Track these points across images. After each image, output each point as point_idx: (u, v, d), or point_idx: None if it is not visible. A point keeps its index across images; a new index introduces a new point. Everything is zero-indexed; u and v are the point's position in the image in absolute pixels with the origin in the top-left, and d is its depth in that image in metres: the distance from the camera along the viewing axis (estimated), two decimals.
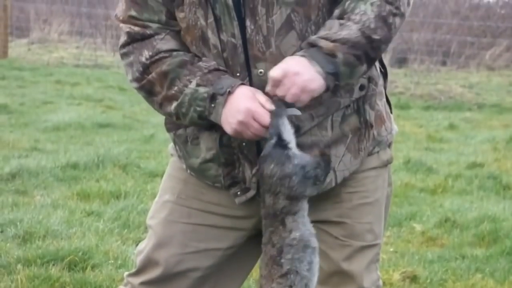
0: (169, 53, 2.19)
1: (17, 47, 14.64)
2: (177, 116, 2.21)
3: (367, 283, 2.34)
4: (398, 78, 12.32)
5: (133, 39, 2.22)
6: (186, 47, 2.21)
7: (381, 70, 2.36)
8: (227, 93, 2.12)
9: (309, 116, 2.18)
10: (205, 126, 2.22)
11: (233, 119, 2.12)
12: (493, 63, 13.77)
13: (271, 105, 2.10)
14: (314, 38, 2.10)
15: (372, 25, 2.10)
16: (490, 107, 10.91)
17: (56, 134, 7.43)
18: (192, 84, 2.15)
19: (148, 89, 2.22)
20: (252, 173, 2.23)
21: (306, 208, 2.11)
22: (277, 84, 2.07)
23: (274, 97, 2.10)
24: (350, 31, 2.09)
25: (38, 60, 13.58)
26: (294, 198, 2.08)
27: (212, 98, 2.14)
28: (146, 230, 2.47)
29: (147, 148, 6.91)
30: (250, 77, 2.17)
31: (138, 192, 5.30)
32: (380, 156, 2.35)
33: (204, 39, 2.18)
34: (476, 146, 7.75)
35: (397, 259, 4.37)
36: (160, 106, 2.23)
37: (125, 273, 2.44)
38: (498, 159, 6.99)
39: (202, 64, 2.17)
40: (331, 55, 2.08)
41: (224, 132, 2.17)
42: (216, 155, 2.25)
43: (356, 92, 2.24)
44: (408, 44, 13.34)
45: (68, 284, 3.73)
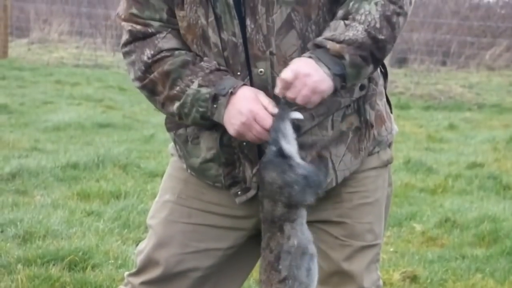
0: (171, 52, 2.19)
1: (17, 47, 14.64)
2: (180, 116, 2.21)
3: (367, 283, 2.33)
4: (398, 78, 12.32)
5: (135, 38, 2.21)
6: (188, 46, 2.21)
7: (381, 70, 2.35)
8: (229, 94, 2.12)
9: (310, 116, 2.18)
10: (207, 126, 2.22)
11: (236, 121, 2.12)
12: (493, 63, 13.77)
13: (274, 108, 2.10)
14: (321, 39, 2.10)
15: (377, 25, 2.10)
16: (490, 107, 10.91)
17: (56, 134, 7.43)
18: (194, 85, 2.15)
19: (150, 89, 2.22)
20: (253, 173, 2.23)
21: (305, 216, 2.11)
22: (288, 86, 2.06)
23: (282, 100, 2.09)
24: (356, 32, 2.08)
25: (38, 60, 13.58)
26: (293, 206, 2.07)
27: (214, 99, 2.14)
28: (146, 230, 2.47)
29: (147, 148, 6.91)
30: (251, 76, 2.17)
31: (138, 192, 5.30)
32: (381, 156, 2.35)
33: (205, 38, 2.18)
34: (476, 146, 7.75)
35: (397, 259, 4.37)
36: (163, 106, 2.23)
37: (126, 273, 2.44)
38: (498, 159, 6.99)
39: (204, 64, 2.17)
40: (338, 57, 2.08)
41: (225, 132, 2.17)
42: (217, 155, 2.25)
43: (357, 92, 2.24)
44: (408, 44, 13.34)
45: (68, 284, 3.73)
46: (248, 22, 2.14)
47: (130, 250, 4.12)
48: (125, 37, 2.23)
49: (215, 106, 2.14)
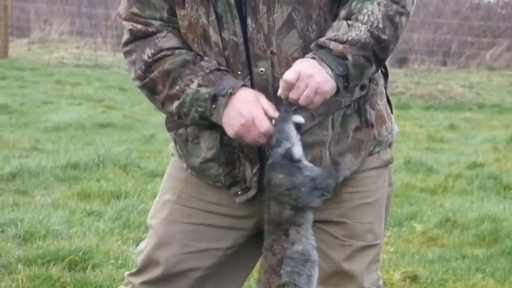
0: (172, 51, 2.19)
1: (18, 47, 14.65)
2: (179, 116, 2.21)
3: (368, 283, 2.33)
4: (399, 78, 12.32)
5: (136, 37, 2.21)
6: (188, 45, 2.21)
7: (382, 70, 2.35)
8: (229, 95, 2.12)
9: (310, 116, 2.18)
10: (207, 126, 2.22)
11: (235, 122, 2.12)
12: (494, 63, 13.77)
13: (274, 111, 2.10)
14: (323, 40, 2.09)
15: (380, 25, 2.10)
16: (491, 107, 10.91)
17: (57, 134, 7.43)
18: (194, 84, 2.15)
19: (151, 88, 2.22)
20: (253, 173, 2.23)
21: (311, 220, 2.10)
22: (290, 87, 2.06)
23: (284, 101, 2.09)
24: (359, 32, 2.08)
25: (39, 60, 13.58)
26: (300, 209, 2.07)
27: (214, 99, 2.13)
28: (147, 230, 2.47)
29: (148, 148, 6.91)
30: (251, 76, 2.17)
31: (139, 192, 5.30)
32: (381, 156, 2.35)
33: (206, 37, 2.17)
34: (477, 146, 7.75)
35: (398, 259, 4.37)
36: (162, 105, 2.23)
37: (126, 273, 2.44)
38: (499, 159, 6.98)
39: (204, 64, 2.17)
40: (341, 57, 2.07)
41: (225, 132, 2.17)
42: (217, 155, 2.25)
43: (357, 92, 2.24)
44: (409, 44, 13.34)
45: (69, 284, 3.73)
46: (249, 22, 2.14)
47: (131, 250, 4.12)
48: (126, 37, 2.23)
49: (214, 107, 2.14)
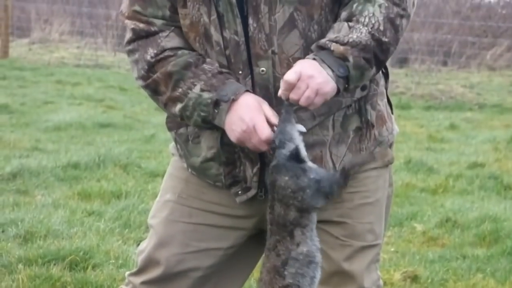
0: (174, 52, 2.19)
1: (18, 47, 14.66)
2: (182, 118, 2.21)
3: (368, 283, 2.33)
4: (399, 78, 12.32)
5: (138, 36, 2.21)
6: (190, 45, 2.21)
7: (382, 71, 2.35)
8: (231, 101, 2.12)
9: (311, 116, 2.18)
10: (209, 129, 2.22)
11: (237, 128, 2.12)
12: (494, 63, 13.77)
13: (277, 119, 2.10)
14: (324, 41, 2.10)
15: (381, 27, 2.10)
16: (491, 107, 10.91)
17: (57, 134, 7.43)
18: (196, 89, 2.15)
19: (153, 88, 2.22)
20: (253, 172, 2.23)
21: (315, 221, 2.10)
22: (291, 88, 2.06)
23: (285, 102, 2.09)
24: (360, 34, 2.08)
25: (39, 60, 13.58)
26: (305, 211, 2.07)
27: (216, 104, 2.14)
28: (147, 230, 2.47)
29: (148, 148, 6.92)
30: (252, 75, 2.17)
31: (139, 192, 5.30)
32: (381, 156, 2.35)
33: (207, 36, 2.17)
34: (477, 146, 7.75)
35: (398, 259, 4.37)
36: (165, 106, 2.23)
37: (126, 273, 2.44)
38: (499, 159, 6.98)
39: (207, 67, 2.17)
40: (342, 59, 2.08)
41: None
42: (217, 154, 2.25)
43: (358, 92, 2.24)
44: (409, 44, 13.34)
45: (69, 284, 3.73)
46: (251, 21, 2.14)
47: (131, 250, 4.12)
48: (129, 35, 2.23)
49: (217, 111, 2.14)
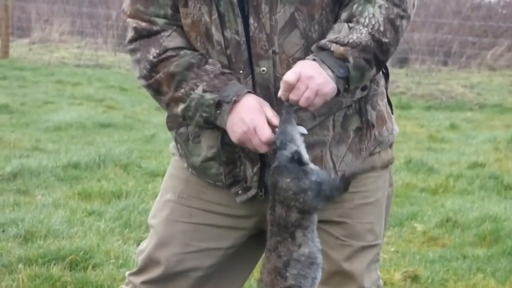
0: (176, 52, 2.19)
1: (18, 47, 14.66)
2: (184, 118, 2.22)
3: (368, 283, 2.33)
4: (400, 78, 12.32)
5: (140, 35, 2.21)
6: (192, 44, 2.21)
7: (383, 71, 2.35)
8: (233, 102, 2.12)
9: (311, 116, 2.18)
10: (211, 129, 2.22)
11: (238, 129, 2.12)
12: (495, 63, 13.77)
13: (278, 121, 2.10)
14: (324, 42, 2.10)
15: (381, 28, 2.10)
16: (492, 107, 10.91)
17: (57, 134, 7.44)
18: (199, 90, 2.15)
19: (156, 88, 2.22)
20: (253, 172, 2.23)
21: (316, 222, 2.10)
22: (291, 88, 2.06)
23: (285, 103, 2.09)
24: (360, 35, 2.08)
25: (39, 60, 13.59)
26: (307, 212, 2.07)
27: (218, 105, 2.14)
28: (147, 230, 2.47)
29: (148, 148, 6.92)
30: (253, 75, 2.17)
31: (139, 192, 5.30)
32: (381, 156, 2.35)
33: (208, 36, 2.17)
34: (477, 146, 7.75)
35: (398, 259, 4.37)
36: (167, 106, 2.23)
37: (127, 273, 2.44)
38: (499, 159, 6.98)
39: (209, 68, 2.17)
40: (342, 59, 2.08)
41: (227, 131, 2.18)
42: (218, 153, 2.25)
43: (358, 92, 2.24)
44: (410, 44, 13.34)
45: (69, 284, 3.73)
46: (251, 21, 2.14)
47: (131, 250, 4.12)
48: (131, 34, 2.23)
49: (219, 112, 2.14)
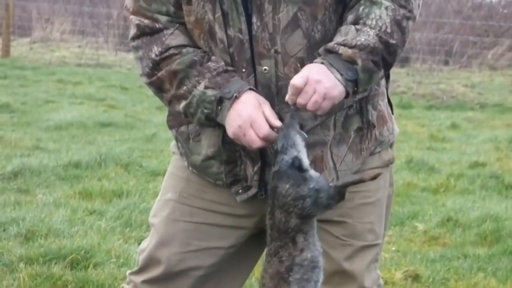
0: (179, 50, 2.19)
1: (19, 46, 14.67)
2: (186, 115, 2.22)
3: (368, 283, 2.33)
4: (400, 78, 12.32)
5: (143, 33, 2.21)
6: (195, 42, 2.21)
7: None
8: (234, 98, 2.12)
9: (312, 115, 2.18)
10: (213, 126, 2.22)
11: (233, 123, 2.12)
12: (496, 63, 13.77)
13: (276, 120, 2.10)
14: (332, 45, 2.09)
15: (388, 30, 2.10)
16: (493, 107, 10.91)
17: (58, 133, 7.44)
18: (201, 86, 2.16)
19: (158, 86, 2.23)
20: (254, 171, 2.23)
21: (315, 225, 2.11)
22: (298, 92, 2.06)
23: (291, 107, 2.09)
24: (368, 37, 2.08)
25: (40, 59, 13.59)
26: (306, 217, 2.07)
27: (219, 102, 2.14)
28: (148, 229, 2.47)
29: (149, 147, 6.92)
30: (255, 74, 2.17)
31: (140, 191, 5.30)
32: (382, 156, 2.35)
33: (212, 34, 2.17)
34: (478, 146, 7.75)
35: (399, 258, 4.37)
36: (169, 103, 2.23)
37: (128, 272, 2.44)
38: (500, 159, 6.98)
39: (211, 65, 2.17)
40: (351, 62, 2.07)
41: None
42: (218, 152, 2.25)
43: None
44: (411, 44, 13.33)
45: (70, 283, 3.73)
46: (254, 20, 2.14)
47: (132, 249, 4.12)
48: (133, 31, 2.23)
49: (220, 108, 2.14)
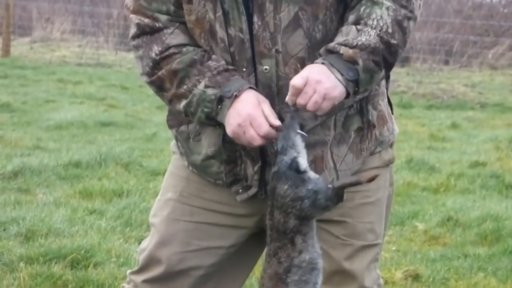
0: (179, 49, 2.19)
1: (20, 46, 14.67)
2: (186, 114, 2.22)
3: (368, 283, 2.33)
4: (401, 77, 12.32)
5: (143, 32, 2.21)
6: (195, 41, 2.21)
7: None
8: (234, 97, 2.12)
9: (313, 115, 2.18)
10: (213, 125, 2.22)
11: (233, 121, 2.12)
12: (496, 62, 13.76)
13: (275, 119, 2.10)
14: (333, 45, 2.09)
15: (390, 30, 2.10)
16: (493, 106, 10.90)
17: (59, 133, 7.44)
18: (201, 85, 2.16)
19: (158, 85, 2.23)
20: (254, 171, 2.23)
21: (315, 227, 2.11)
22: (298, 93, 2.06)
23: (291, 108, 2.09)
24: (369, 37, 2.08)
25: (41, 59, 13.59)
26: (305, 219, 2.07)
27: (219, 101, 2.14)
28: (149, 228, 2.47)
29: (149, 147, 6.92)
30: (256, 73, 2.17)
31: (140, 191, 5.30)
32: (382, 156, 2.35)
33: (212, 33, 2.18)
34: (479, 145, 7.75)
35: (400, 258, 4.37)
36: (170, 103, 2.24)
37: (128, 271, 2.44)
38: (501, 158, 6.98)
39: (212, 64, 2.17)
40: (352, 62, 2.07)
41: None
42: (218, 152, 2.25)
43: None
44: (411, 43, 13.32)
45: (71, 282, 3.73)
46: (256, 19, 2.14)
47: (132, 248, 4.12)
48: (133, 30, 2.23)
49: (220, 107, 2.14)
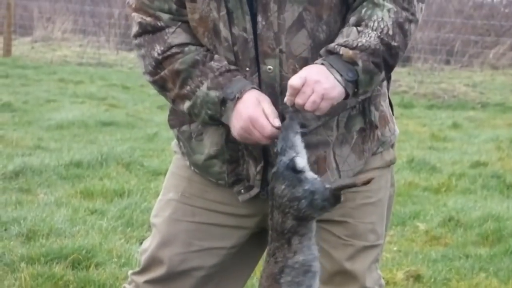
0: (181, 49, 2.19)
1: (21, 46, 14.67)
2: (190, 115, 2.22)
3: (370, 283, 2.34)
4: (402, 77, 12.31)
5: (145, 30, 2.21)
6: (198, 40, 2.21)
7: None
8: (236, 99, 2.12)
9: (315, 116, 2.18)
10: (217, 125, 2.22)
11: (236, 124, 2.13)
12: (497, 62, 13.76)
13: (275, 119, 2.10)
14: (333, 46, 2.10)
15: (390, 32, 2.10)
16: (494, 106, 10.90)
17: (60, 133, 7.44)
18: (204, 87, 2.16)
19: (161, 85, 2.23)
20: (257, 171, 2.23)
21: (314, 229, 2.11)
22: (296, 93, 2.06)
23: (290, 108, 2.08)
24: (369, 38, 2.08)
25: (42, 59, 13.60)
26: (303, 219, 2.07)
27: (223, 102, 2.14)
28: (150, 229, 2.47)
29: (151, 147, 6.92)
30: (259, 73, 2.17)
31: (142, 191, 5.30)
32: (384, 156, 2.35)
33: (216, 32, 2.17)
34: (480, 145, 7.74)
35: (401, 258, 4.37)
36: (173, 102, 2.24)
37: (129, 272, 2.44)
38: (502, 158, 6.98)
39: (214, 65, 2.17)
40: (351, 63, 2.07)
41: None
42: (221, 151, 2.25)
43: None
44: (412, 43, 13.31)
45: (72, 282, 3.73)
46: (260, 19, 2.14)
47: (134, 249, 4.12)
48: (135, 29, 2.23)
49: (223, 109, 2.15)
